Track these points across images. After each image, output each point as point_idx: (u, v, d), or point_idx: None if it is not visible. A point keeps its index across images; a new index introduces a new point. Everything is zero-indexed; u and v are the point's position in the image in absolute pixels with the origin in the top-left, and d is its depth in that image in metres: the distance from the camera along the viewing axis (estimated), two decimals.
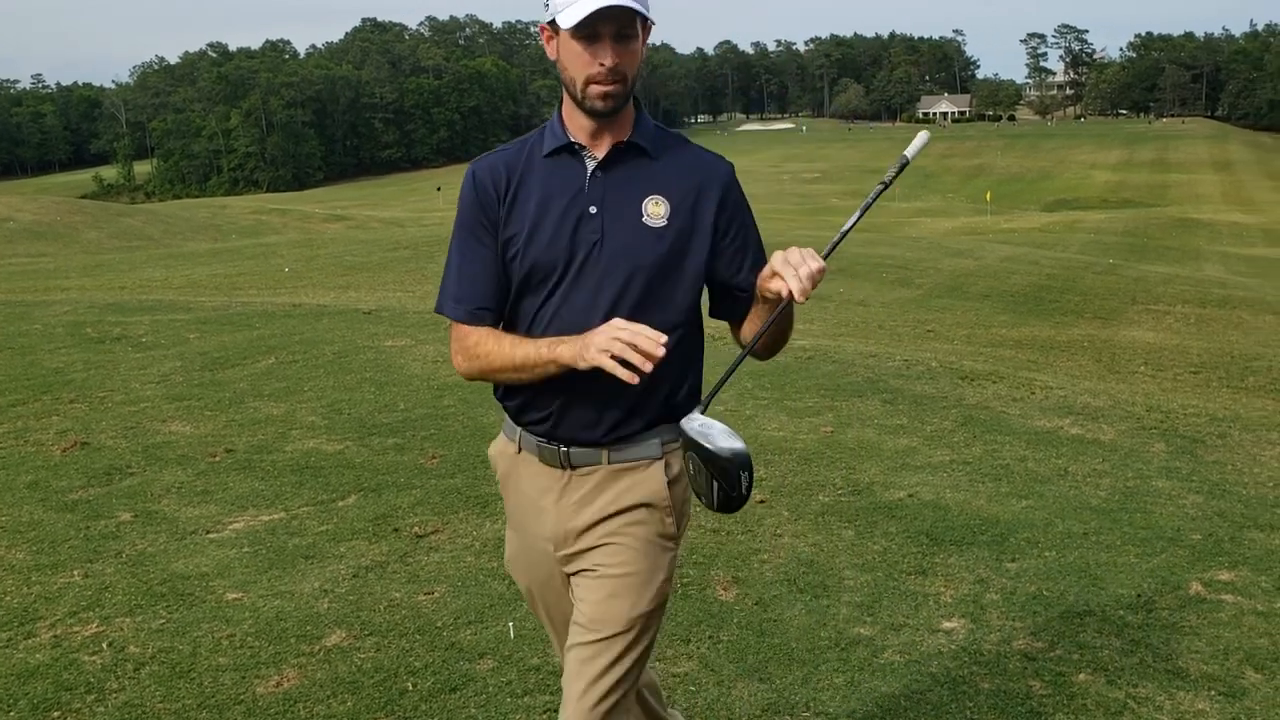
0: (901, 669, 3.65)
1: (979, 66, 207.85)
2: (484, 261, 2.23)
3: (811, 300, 15.62)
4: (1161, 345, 13.05)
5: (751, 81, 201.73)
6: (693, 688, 3.53)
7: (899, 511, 5.07)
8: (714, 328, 2.45)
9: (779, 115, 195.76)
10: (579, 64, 2.11)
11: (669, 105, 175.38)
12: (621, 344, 1.99)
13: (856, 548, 4.67)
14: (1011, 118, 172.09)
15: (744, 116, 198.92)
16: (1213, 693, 3.49)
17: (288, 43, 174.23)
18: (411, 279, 17.16)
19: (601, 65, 2.10)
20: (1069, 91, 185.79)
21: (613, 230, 2.19)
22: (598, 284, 2.20)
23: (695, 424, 2.12)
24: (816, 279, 2.05)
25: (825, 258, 2.11)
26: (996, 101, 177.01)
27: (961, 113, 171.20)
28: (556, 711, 3.44)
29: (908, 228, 35.43)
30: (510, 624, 3.96)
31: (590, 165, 2.22)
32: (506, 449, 2.43)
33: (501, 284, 2.24)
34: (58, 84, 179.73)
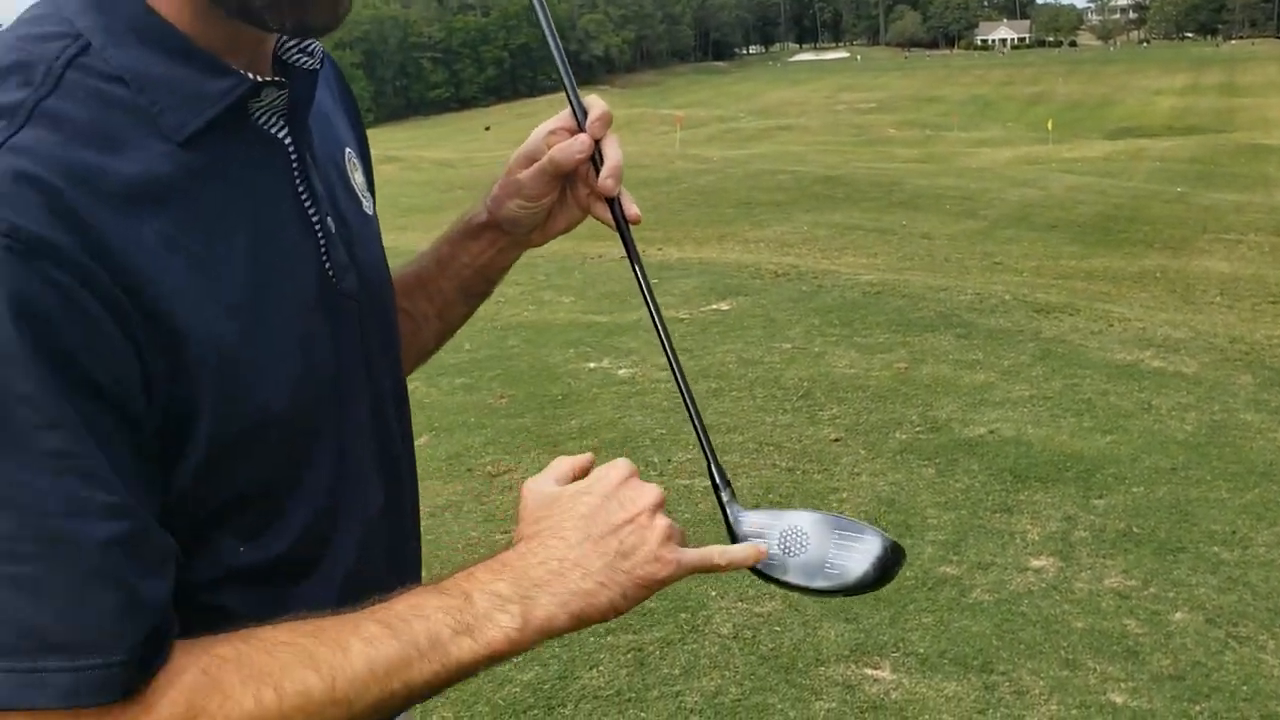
0: (991, 608, 3.58)
1: None
2: (135, 491, 0.77)
3: (874, 234, 15.50)
4: (1237, 275, 12.67)
5: (804, 10, 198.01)
6: (778, 628, 3.49)
7: (980, 448, 4.97)
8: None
9: (833, 44, 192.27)
10: None
11: (719, 37, 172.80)
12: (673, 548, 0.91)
13: (938, 486, 4.58)
14: (1073, 43, 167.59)
15: (797, 46, 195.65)
16: None
17: None
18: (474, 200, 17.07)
19: None
20: (1132, 15, 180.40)
21: (362, 255, 1.01)
22: (372, 395, 1.00)
23: (778, 550, 0.97)
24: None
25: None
26: (1057, 27, 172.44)
27: (1021, 39, 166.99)
28: (640, 650, 3.43)
29: (967, 158, 34.72)
30: None
31: (278, 125, 0.92)
32: None
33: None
34: None
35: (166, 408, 0.80)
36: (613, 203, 1.07)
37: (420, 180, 24.57)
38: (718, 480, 1.02)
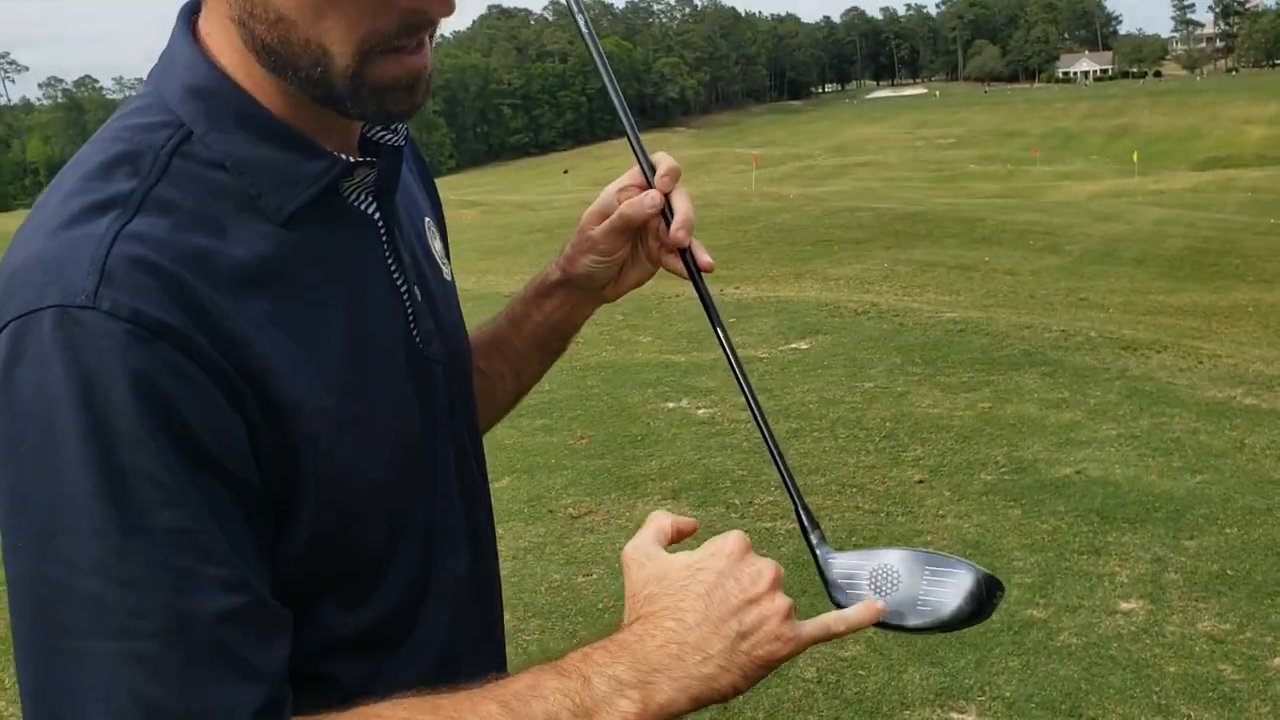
0: (1079, 652, 3.52)
1: (1121, 22, 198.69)
2: (249, 563, 0.79)
3: (956, 270, 15.34)
4: None
5: (881, 47, 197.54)
6: (861, 671, 3.47)
7: (1067, 489, 4.89)
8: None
9: (911, 80, 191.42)
10: (362, 8, 0.81)
11: (794, 76, 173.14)
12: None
13: (1024, 527, 4.52)
14: (1157, 74, 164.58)
15: (874, 84, 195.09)
16: None
17: None
18: (547, 261, 17.27)
19: (418, 6, 0.83)
20: (1219, 44, 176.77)
21: (445, 320, 1.04)
22: (457, 455, 1.04)
23: (873, 589, 0.96)
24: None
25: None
26: (1140, 58, 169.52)
27: (1103, 70, 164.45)
28: None
29: (1051, 192, 34.25)
30: None
31: (368, 201, 0.95)
32: None
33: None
34: None
35: (276, 480, 0.82)
36: (684, 253, 1.09)
37: (501, 224, 24.98)
38: (806, 523, 1.01)
